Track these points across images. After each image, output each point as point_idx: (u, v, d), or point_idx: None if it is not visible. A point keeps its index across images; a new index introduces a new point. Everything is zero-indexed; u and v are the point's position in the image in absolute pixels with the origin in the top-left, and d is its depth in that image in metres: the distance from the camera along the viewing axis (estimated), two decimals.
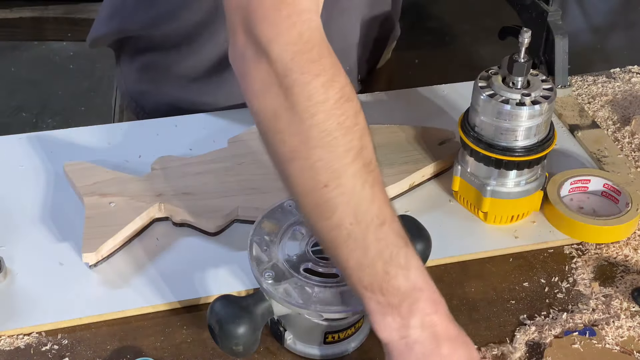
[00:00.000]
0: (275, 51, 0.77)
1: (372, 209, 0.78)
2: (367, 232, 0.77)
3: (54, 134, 1.15)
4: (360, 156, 0.78)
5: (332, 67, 0.78)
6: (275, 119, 0.78)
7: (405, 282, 0.77)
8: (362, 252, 0.77)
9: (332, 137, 0.77)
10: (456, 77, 1.29)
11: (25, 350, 0.89)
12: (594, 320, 0.94)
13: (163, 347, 0.90)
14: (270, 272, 0.85)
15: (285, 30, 0.77)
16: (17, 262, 0.97)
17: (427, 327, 0.78)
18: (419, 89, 1.27)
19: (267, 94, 0.78)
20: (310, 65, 0.77)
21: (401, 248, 0.78)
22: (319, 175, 0.77)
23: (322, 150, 0.77)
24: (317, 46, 0.78)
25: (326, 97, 0.77)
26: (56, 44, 2.93)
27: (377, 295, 0.78)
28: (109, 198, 1.02)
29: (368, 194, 0.78)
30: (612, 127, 1.20)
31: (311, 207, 0.79)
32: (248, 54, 0.78)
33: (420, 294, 0.78)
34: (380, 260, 0.77)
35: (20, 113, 2.72)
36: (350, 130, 0.78)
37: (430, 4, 3.21)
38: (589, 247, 1.03)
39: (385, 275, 0.77)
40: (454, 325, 0.80)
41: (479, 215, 1.05)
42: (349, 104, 0.78)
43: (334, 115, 0.77)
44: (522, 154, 1.00)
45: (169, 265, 0.98)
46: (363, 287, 0.78)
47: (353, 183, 0.78)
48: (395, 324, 0.78)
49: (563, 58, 1.21)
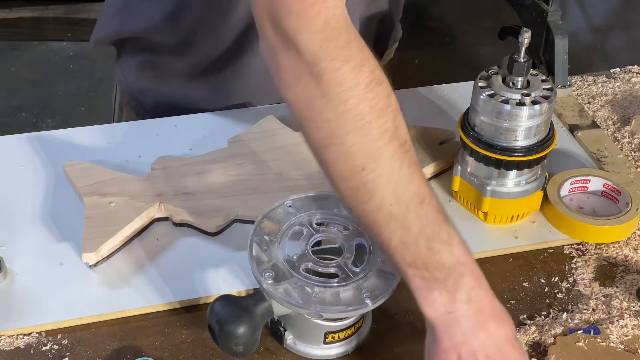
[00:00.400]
0: (303, 41, 0.78)
1: (410, 188, 0.79)
2: (408, 211, 0.79)
3: (54, 134, 1.15)
4: (396, 137, 0.79)
5: (360, 51, 0.79)
6: (309, 108, 0.80)
7: (449, 257, 0.78)
8: (404, 231, 0.79)
9: (365, 121, 0.78)
10: (456, 77, 1.29)
11: (25, 350, 0.89)
12: (594, 320, 0.94)
13: (163, 347, 0.90)
14: (270, 272, 0.85)
15: (312, 20, 0.78)
16: (17, 262, 0.97)
17: (474, 301, 0.79)
18: (419, 89, 1.27)
19: (298, 84, 0.80)
20: (338, 51, 0.78)
21: (442, 224, 0.79)
22: (356, 159, 0.79)
23: (357, 134, 0.78)
24: (344, 32, 0.79)
25: (357, 81, 0.78)
26: (56, 44, 2.93)
27: (422, 271, 0.78)
28: (109, 198, 1.02)
29: (406, 173, 0.79)
30: (612, 127, 1.20)
31: (350, 191, 0.80)
32: (277, 47, 0.80)
33: (464, 268, 0.79)
34: (423, 238, 0.78)
35: (20, 113, 2.72)
36: (384, 113, 0.79)
37: (431, 4, 3.21)
38: (589, 247, 1.03)
39: (429, 251, 0.78)
40: (498, 302, 0.81)
41: (479, 215, 1.05)
42: (380, 87, 0.79)
43: (366, 99, 0.78)
44: (522, 154, 1.00)
45: (169, 265, 0.98)
46: (407, 264, 0.79)
47: (390, 164, 0.79)
48: (442, 299, 0.79)
49: (563, 58, 1.21)
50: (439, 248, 0.79)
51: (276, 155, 1.09)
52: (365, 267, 0.86)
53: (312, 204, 0.92)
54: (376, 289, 0.85)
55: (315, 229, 0.90)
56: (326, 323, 0.87)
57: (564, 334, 0.92)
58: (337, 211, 0.91)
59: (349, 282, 0.85)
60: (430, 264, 0.78)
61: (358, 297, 0.84)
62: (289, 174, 1.07)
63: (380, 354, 0.91)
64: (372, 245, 0.88)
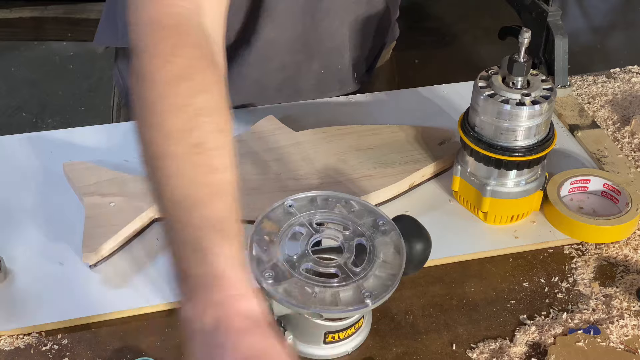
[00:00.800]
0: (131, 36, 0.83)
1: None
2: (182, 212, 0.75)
3: (54, 134, 1.15)
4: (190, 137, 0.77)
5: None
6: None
7: (204, 267, 0.72)
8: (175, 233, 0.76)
9: (161, 118, 0.77)
10: (456, 77, 1.29)
11: (25, 350, 0.89)
12: (594, 320, 0.94)
13: (163, 347, 0.90)
14: (270, 272, 0.85)
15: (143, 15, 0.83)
16: (17, 262, 0.97)
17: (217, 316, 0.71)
18: (419, 89, 1.27)
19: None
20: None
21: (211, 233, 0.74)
22: (148, 152, 0.78)
23: (153, 130, 0.78)
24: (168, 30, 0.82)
25: (159, 77, 0.79)
26: (56, 44, 2.93)
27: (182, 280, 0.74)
28: (109, 198, 1.02)
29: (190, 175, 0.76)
30: (612, 127, 1.20)
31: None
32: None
33: (220, 281, 0.72)
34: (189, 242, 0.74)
35: (20, 113, 2.72)
36: (181, 110, 0.78)
37: (430, 4, 3.21)
38: (589, 247, 1.03)
39: (189, 260, 0.74)
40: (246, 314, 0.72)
41: (479, 215, 1.05)
42: (185, 84, 0.79)
43: (165, 96, 0.78)
44: (522, 154, 1.00)
45: (169, 265, 0.98)
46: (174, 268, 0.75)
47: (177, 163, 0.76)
48: (191, 310, 0.72)
49: (563, 58, 1.21)
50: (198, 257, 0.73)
51: (276, 155, 1.09)
52: (365, 267, 0.86)
53: (312, 204, 0.92)
54: (376, 289, 0.85)
55: (315, 229, 0.90)
56: (326, 323, 0.87)
57: (564, 334, 0.92)
58: (337, 211, 0.91)
59: (349, 282, 0.85)
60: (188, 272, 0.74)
61: (358, 297, 0.84)
62: (289, 174, 1.07)
63: (380, 354, 0.91)
64: (372, 245, 0.88)
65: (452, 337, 0.92)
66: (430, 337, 0.92)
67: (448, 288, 0.98)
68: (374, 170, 1.07)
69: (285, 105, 1.22)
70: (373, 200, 1.04)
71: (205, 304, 0.71)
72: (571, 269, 1.01)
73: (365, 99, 1.25)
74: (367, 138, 1.12)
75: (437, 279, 0.99)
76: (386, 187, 1.06)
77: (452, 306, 0.96)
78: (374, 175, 1.07)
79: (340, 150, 1.11)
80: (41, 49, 2.95)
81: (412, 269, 0.90)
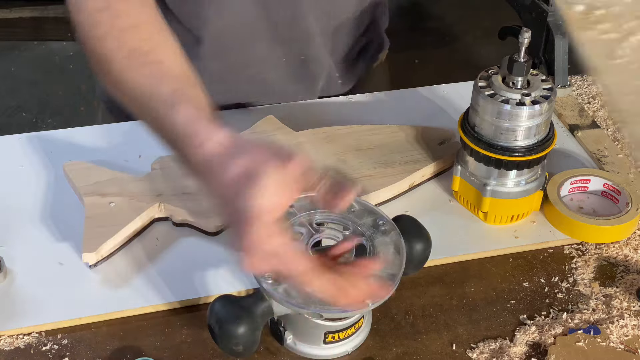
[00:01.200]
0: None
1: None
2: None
3: (54, 134, 1.15)
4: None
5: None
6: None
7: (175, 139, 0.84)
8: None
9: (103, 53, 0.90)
10: (456, 77, 1.29)
11: (25, 350, 0.89)
12: (594, 320, 0.94)
13: (163, 347, 0.90)
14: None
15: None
16: (17, 262, 0.97)
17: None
18: (419, 89, 1.27)
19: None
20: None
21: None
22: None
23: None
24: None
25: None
26: (56, 44, 2.93)
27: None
28: (109, 198, 1.02)
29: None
30: (612, 127, 1.20)
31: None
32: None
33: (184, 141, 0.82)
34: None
35: (20, 113, 2.72)
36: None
37: (430, 4, 3.21)
38: (589, 247, 1.03)
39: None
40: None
41: (479, 215, 1.05)
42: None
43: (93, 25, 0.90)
44: (522, 154, 1.00)
45: (169, 265, 0.98)
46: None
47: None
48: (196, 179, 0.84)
49: (563, 58, 1.21)
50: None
51: None
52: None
53: (312, 204, 0.92)
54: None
55: (315, 229, 0.90)
56: (326, 323, 0.87)
57: (564, 334, 0.92)
58: (337, 211, 0.91)
59: None
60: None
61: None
62: None
63: (380, 354, 0.91)
64: (372, 246, 0.88)
65: (452, 337, 0.92)
66: (430, 337, 0.92)
67: (448, 288, 0.98)
68: (374, 170, 1.07)
69: (285, 105, 1.22)
70: (373, 200, 1.04)
71: (190, 167, 0.83)
72: (571, 269, 1.01)
73: (365, 99, 1.25)
74: (367, 138, 1.12)
75: (437, 279, 0.99)
76: (386, 187, 1.06)
77: (452, 306, 0.96)
78: (374, 175, 1.07)
79: (340, 150, 1.11)
80: (41, 49, 2.95)
81: (412, 269, 0.90)
